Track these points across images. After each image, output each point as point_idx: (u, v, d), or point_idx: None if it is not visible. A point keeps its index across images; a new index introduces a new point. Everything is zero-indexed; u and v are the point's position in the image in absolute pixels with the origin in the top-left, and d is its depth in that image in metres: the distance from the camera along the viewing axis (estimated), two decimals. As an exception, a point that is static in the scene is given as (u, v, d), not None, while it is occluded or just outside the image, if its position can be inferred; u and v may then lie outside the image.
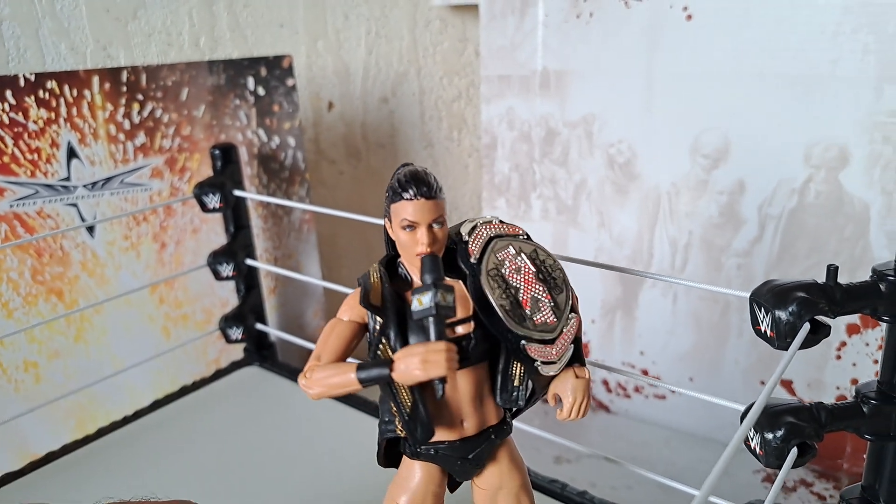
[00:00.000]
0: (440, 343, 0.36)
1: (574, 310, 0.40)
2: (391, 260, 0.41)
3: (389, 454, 0.43)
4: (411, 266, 0.40)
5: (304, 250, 0.95)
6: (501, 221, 0.42)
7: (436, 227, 0.38)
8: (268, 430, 0.71)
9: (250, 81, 0.85)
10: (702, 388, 0.91)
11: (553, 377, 0.40)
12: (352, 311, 0.40)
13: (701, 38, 0.78)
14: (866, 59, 0.69)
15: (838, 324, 0.79)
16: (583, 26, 0.86)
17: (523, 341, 0.38)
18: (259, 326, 0.84)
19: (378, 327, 0.39)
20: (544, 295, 0.39)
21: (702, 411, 0.89)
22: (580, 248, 0.95)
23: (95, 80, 0.74)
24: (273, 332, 0.84)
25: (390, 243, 0.41)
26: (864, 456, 0.44)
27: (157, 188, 0.80)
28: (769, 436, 0.38)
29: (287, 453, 0.67)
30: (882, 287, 0.38)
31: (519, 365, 0.40)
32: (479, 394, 0.40)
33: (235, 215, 0.80)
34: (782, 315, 0.37)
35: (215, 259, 0.79)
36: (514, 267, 0.39)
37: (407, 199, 0.38)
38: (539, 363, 0.39)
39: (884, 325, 0.41)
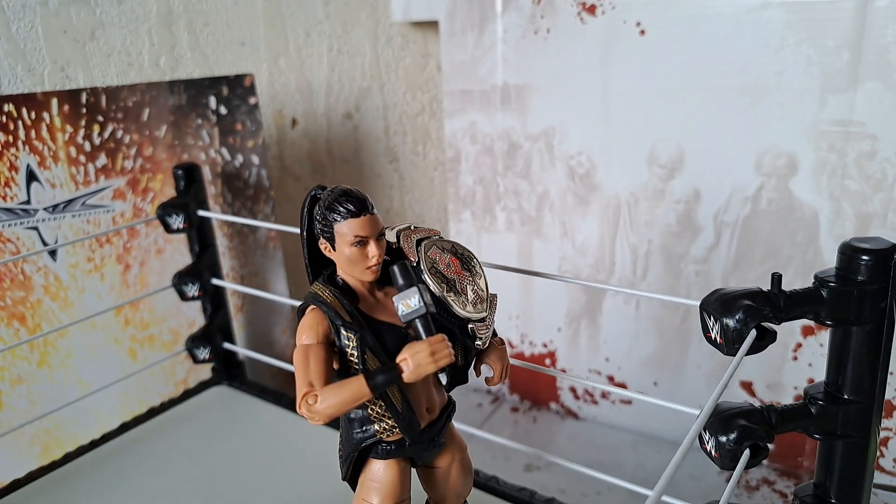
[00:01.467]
0: (439, 335, 0.39)
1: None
2: (331, 278, 0.44)
3: (354, 467, 0.44)
4: (357, 280, 0.43)
5: (271, 267, 0.95)
6: (416, 227, 0.46)
7: (381, 238, 0.42)
8: (238, 449, 0.71)
9: (212, 101, 0.85)
10: (666, 392, 0.93)
11: (480, 350, 0.45)
12: (315, 334, 0.41)
13: (653, 52, 0.80)
14: (809, 71, 0.71)
15: (794, 326, 0.81)
16: (540, 42, 0.88)
17: (470, 325, 0.43)
18: (227, 346, 0.83)
19: (355, 342, 0.41)
20: (471, 280, 0.44)
21: (668, 415, 0.91)
22: (544, 257, 0.97)
23: (54, 102, 0.73)
24: (241, 350, 0.84)
25: (317, 263, 0.45)
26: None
27: (119, 209, 0.80)
28: (723, 439, 0.40)
29: (258, 471, 0.67)
30: (823, 293, 0.40)
31: (459, 347, 0.43)
32: (435, 381, 0.44)
33: (200, 235, 0.80)
34: (730, 322, 0.39)
35: (181, 280, 0.78)
36: (444, 263, 0.44)
37: (354, 216, 0.41)
38: (478, 340, 0.43)
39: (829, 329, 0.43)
